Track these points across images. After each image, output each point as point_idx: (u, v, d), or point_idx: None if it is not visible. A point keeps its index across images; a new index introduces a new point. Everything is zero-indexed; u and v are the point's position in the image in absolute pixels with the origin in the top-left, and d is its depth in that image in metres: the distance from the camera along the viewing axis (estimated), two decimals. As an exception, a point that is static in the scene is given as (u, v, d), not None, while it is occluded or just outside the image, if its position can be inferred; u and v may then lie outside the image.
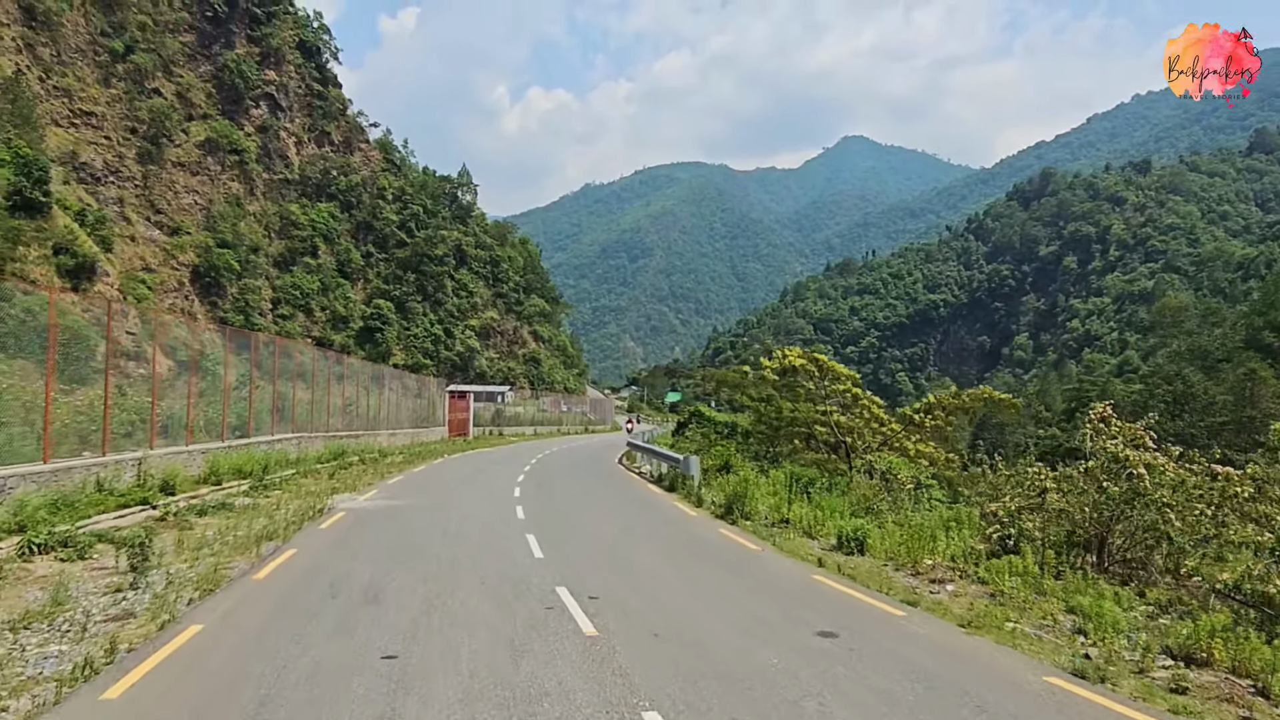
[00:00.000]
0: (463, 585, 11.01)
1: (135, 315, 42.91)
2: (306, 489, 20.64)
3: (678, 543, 15.40)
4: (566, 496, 22.77)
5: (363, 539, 14.43)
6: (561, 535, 15.49)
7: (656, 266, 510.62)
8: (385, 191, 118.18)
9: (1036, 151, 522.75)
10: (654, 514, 19.24)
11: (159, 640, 8.15)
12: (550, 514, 18.37)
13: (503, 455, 34.74)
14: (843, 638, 8.96)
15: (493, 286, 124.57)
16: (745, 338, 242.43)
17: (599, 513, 19.34)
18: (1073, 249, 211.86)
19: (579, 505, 20.78)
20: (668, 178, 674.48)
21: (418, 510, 18.19)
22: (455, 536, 15.01)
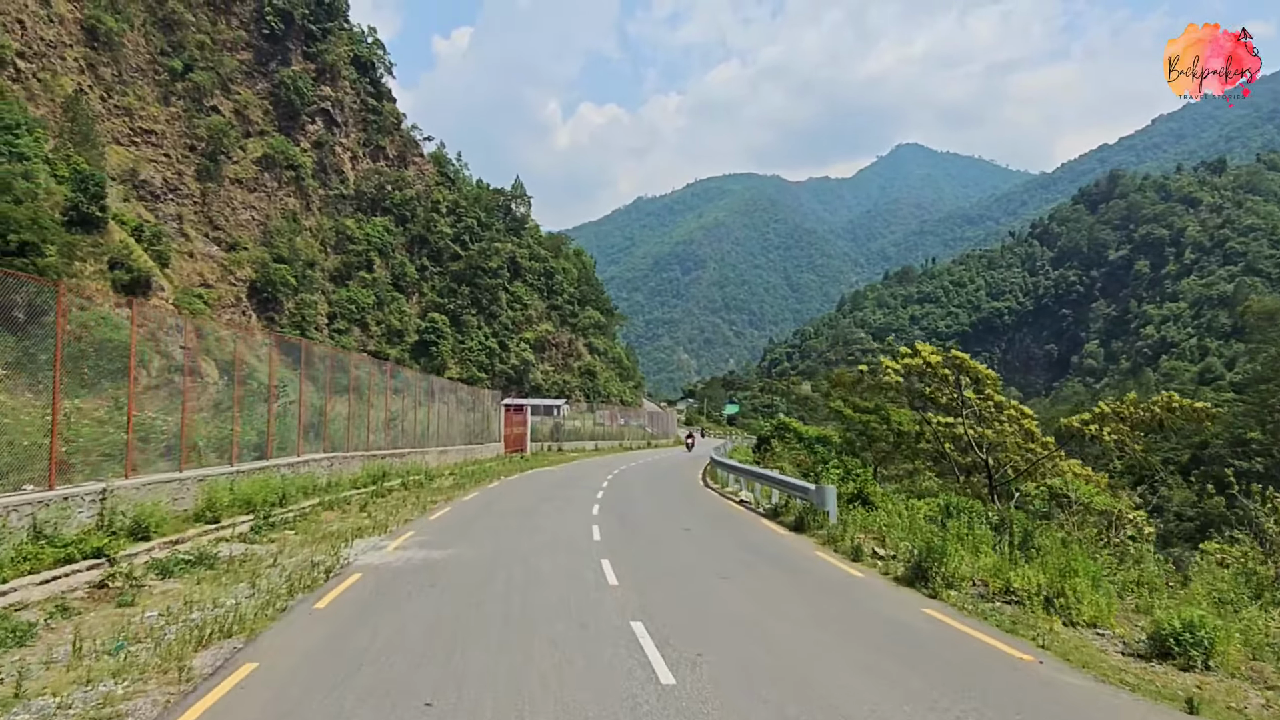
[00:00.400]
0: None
1: (191, 329, 42.09)
2: (324, 529, 16.46)
3: (881, 645, 9.11)
4: (660, 538, 17.03)
5: (376, 633, 9.00)
6: (684, 622, 9.71)
7: (709, 278, 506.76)
8: (439, 205, 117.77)
9: (1099, 155, 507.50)
10: (806, 579, 12.86)
11: None
12: (648, 570, 13.20)
13: (566, 475, 31.50)
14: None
15: (547, 299, 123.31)
16: (802, 348, 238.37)
17: (723, 578, 12.64)
18: (1144, 253, 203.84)
19: (683, 556, 14.90)
20: (720, 189, 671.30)
21: (464, 568, 12.86)
22: (519, 622, 9.59)
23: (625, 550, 15.02)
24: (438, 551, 14.41)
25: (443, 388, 34.06)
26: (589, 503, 22.77)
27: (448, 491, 24.71)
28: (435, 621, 9.58)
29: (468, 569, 12.84)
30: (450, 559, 13.71)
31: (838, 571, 13.53)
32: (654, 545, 16.01)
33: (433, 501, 22.13)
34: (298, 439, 20.51)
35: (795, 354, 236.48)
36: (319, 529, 16.52)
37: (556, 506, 21.91)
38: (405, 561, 13.39)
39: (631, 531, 17.68)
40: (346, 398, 24.14)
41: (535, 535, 16.73)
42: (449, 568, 12.93)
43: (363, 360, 31.21)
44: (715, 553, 15.20)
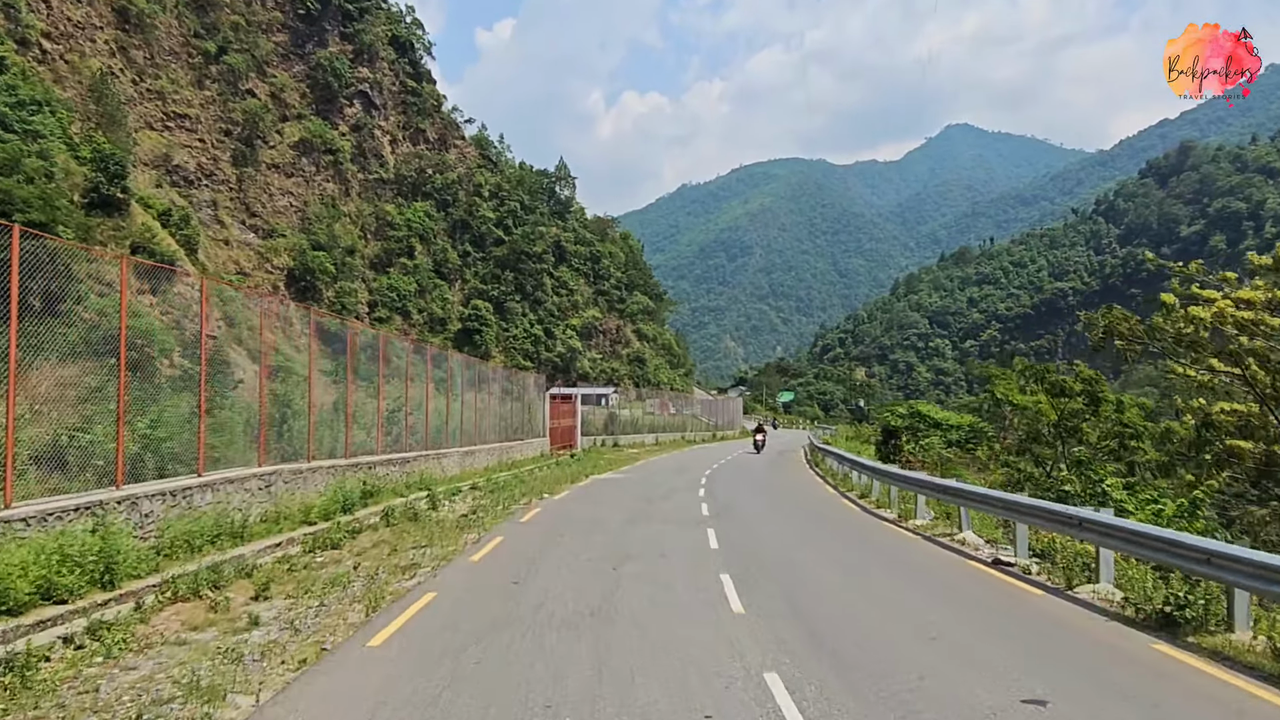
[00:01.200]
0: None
1: (219, 316, 38.31)
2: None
3: None
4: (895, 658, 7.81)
5: None
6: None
7: (756, 265, 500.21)
8: (481, 188, 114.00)
9: (1160, 130, 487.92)
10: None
11: None
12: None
13: (639, 488, 23.06)
14: None
15: (594, 284, 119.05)
16: (855, 333, 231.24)
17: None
18: (1220, 227, 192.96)
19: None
20: (765, 175, 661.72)
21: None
22: None
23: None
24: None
25: (468, 367, 27.64)
26: (705, 561, 12.79)
27: (450, 535, 14.76)
28: None
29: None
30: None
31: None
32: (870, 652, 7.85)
33: (406, 571, 11.68)
34: (255, 448, 14.49)
35: (848, 339, 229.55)
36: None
37: (651, 585, 10.94)
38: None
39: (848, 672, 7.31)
40: (344, 384, 18.31)
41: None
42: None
43: (394, 338, 27.00)
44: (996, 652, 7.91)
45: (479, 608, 9.56)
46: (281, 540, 12.80)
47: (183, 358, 17.05)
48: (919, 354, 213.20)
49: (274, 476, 14.58)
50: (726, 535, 15.30)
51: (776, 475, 29.14)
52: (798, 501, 22.57)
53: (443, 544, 13.87)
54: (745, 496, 22.71)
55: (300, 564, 11.88)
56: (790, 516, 19.67)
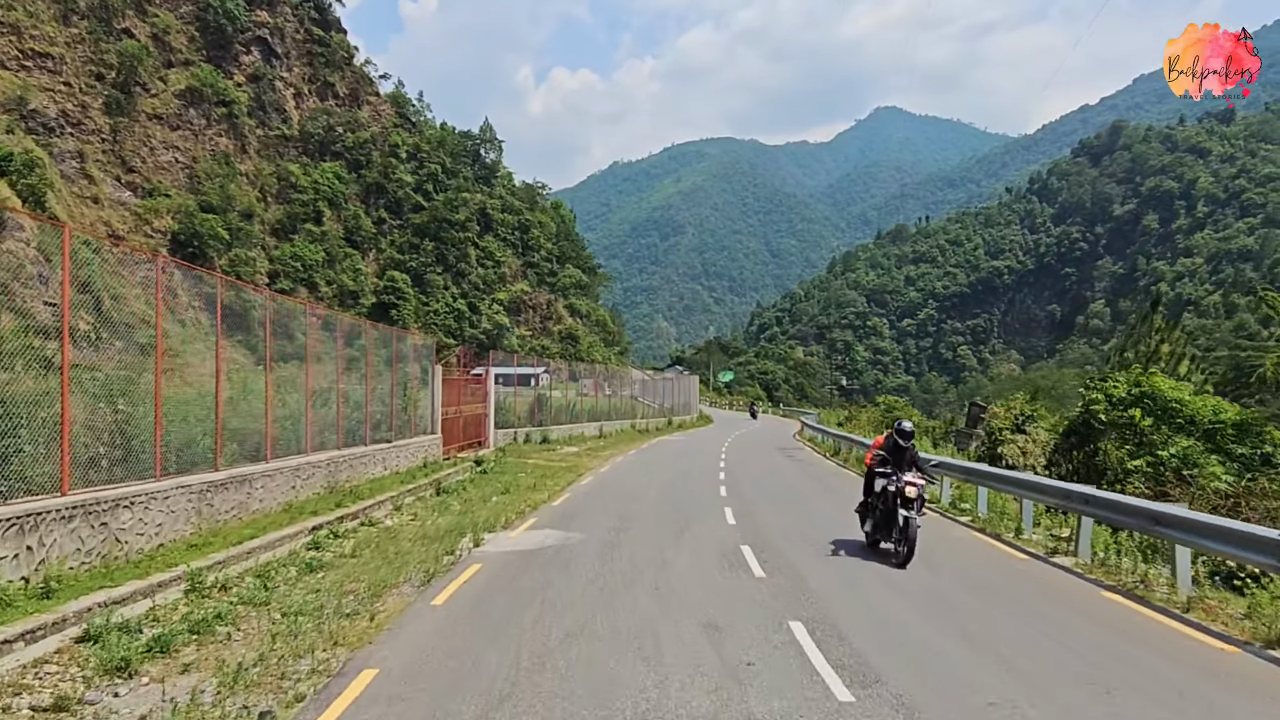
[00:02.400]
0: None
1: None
2: None
3: None
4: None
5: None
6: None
7: (689, 244, 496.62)
8: (398, 149, 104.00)
9: (1080, 115, 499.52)
10: None
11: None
12: None
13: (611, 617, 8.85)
14: None
15: (522, 255, 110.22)
16: (792, 312, 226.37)
17: None
18: (1152, 206, 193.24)
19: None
20: (698, 153, 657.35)
21: None
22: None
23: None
24: None
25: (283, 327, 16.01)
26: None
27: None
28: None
29: None
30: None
31: None
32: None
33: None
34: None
35: (785, 318, 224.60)
36: None
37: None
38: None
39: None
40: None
41: None
42: None
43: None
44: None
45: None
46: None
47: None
48: (856, 333, 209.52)
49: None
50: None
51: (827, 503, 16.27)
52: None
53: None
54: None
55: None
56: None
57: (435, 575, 10.25)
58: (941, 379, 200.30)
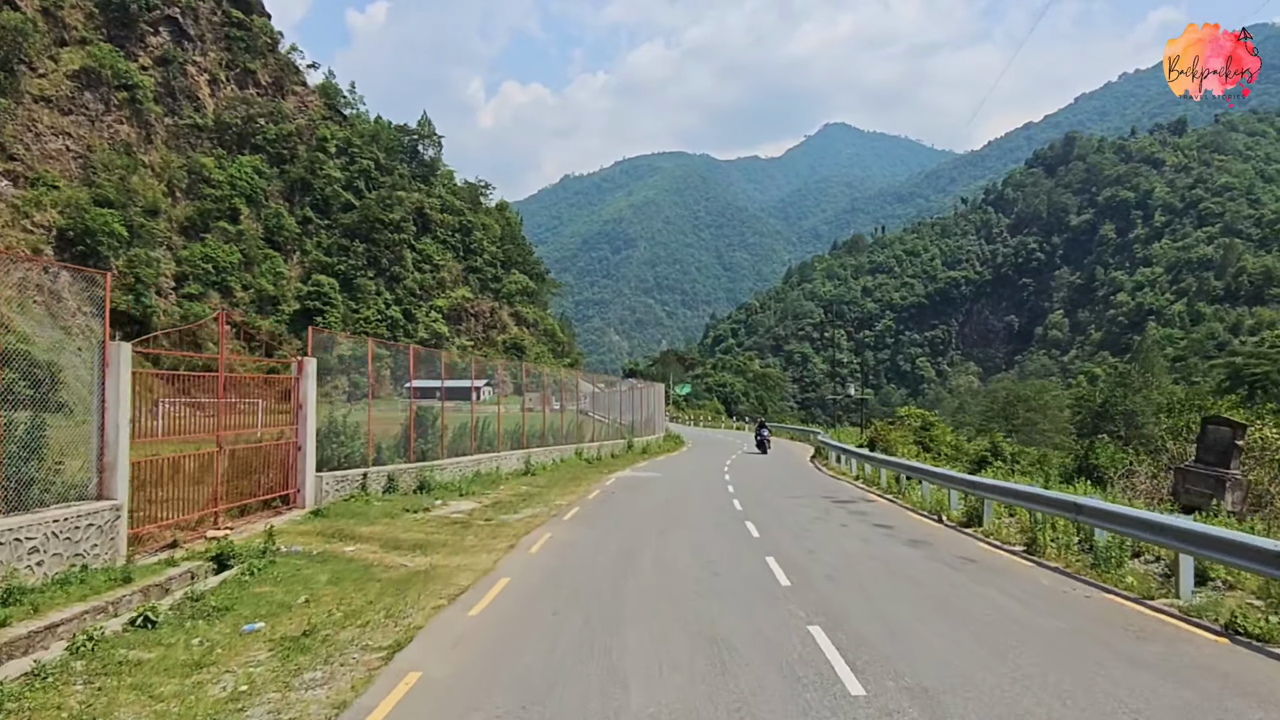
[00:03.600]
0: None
1: None
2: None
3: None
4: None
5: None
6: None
7: (640, 258, 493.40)
8: (327, 143, 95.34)
9: (1025, 133, 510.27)
10: None
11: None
12: None
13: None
14: None
15: (464, 259, 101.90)
16: (748, 323, 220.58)
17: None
18: (1109, 216, 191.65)
19: None
20: (649, 167, 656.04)
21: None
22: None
23: None
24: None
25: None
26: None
27: None
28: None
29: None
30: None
31: None
32: None
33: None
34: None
35: (741, 329, 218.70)
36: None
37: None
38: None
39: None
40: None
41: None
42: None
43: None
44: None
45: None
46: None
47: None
48: (814, 345, 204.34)
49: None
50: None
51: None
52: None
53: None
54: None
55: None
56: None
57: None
58: (900, 391, 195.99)
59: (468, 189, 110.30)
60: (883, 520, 17.12)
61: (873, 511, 18.87)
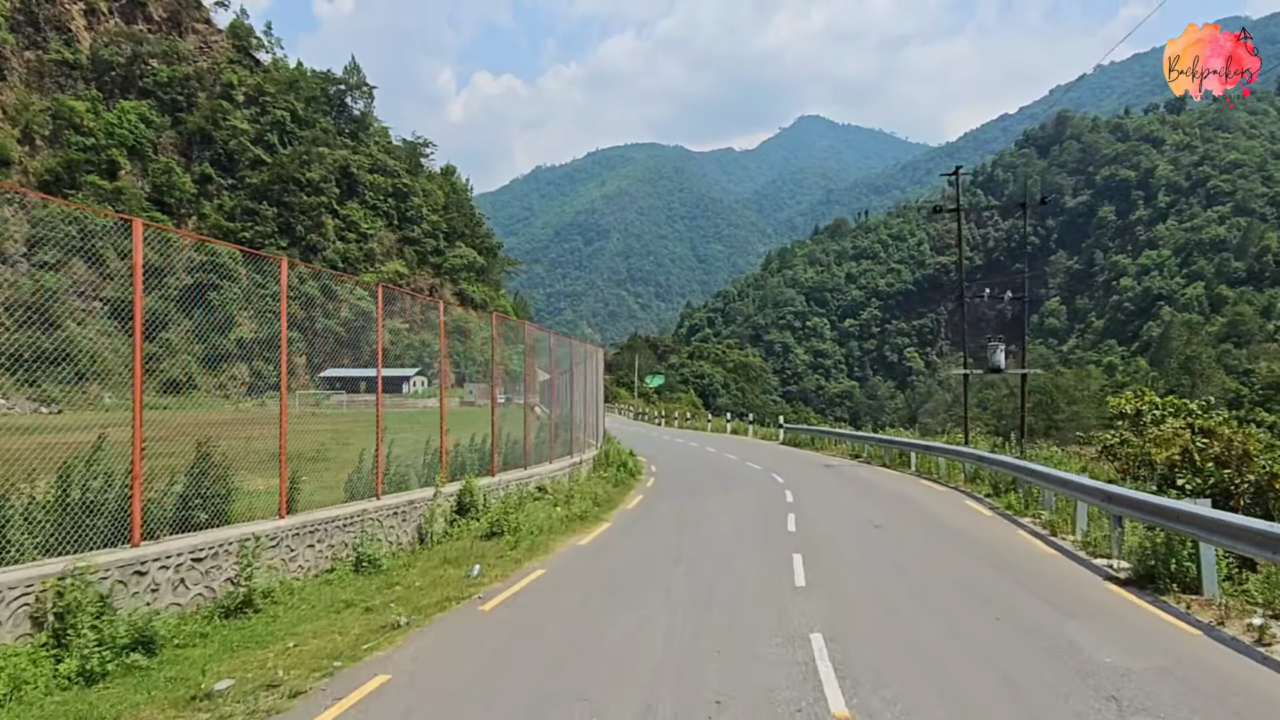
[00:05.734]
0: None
1: None
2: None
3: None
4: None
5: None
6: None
7: (613, 249, 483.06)
8: (234, 90, 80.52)
9: (1001, 124, 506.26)
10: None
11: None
12: None
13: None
14: None
15: (399, 229, 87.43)
16: (725, 312, 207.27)
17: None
18: (1108, 197, 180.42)
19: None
20: (622, 158, 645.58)
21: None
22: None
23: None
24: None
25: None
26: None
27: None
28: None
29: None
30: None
31: None
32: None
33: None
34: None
35: (718, 318, 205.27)
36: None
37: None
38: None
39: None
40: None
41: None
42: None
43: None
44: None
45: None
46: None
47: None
48: (795, 334, 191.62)
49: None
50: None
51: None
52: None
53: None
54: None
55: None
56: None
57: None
58: (888, 384, 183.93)
59: (406, 148, 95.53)
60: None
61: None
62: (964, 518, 15.54)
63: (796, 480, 22.47)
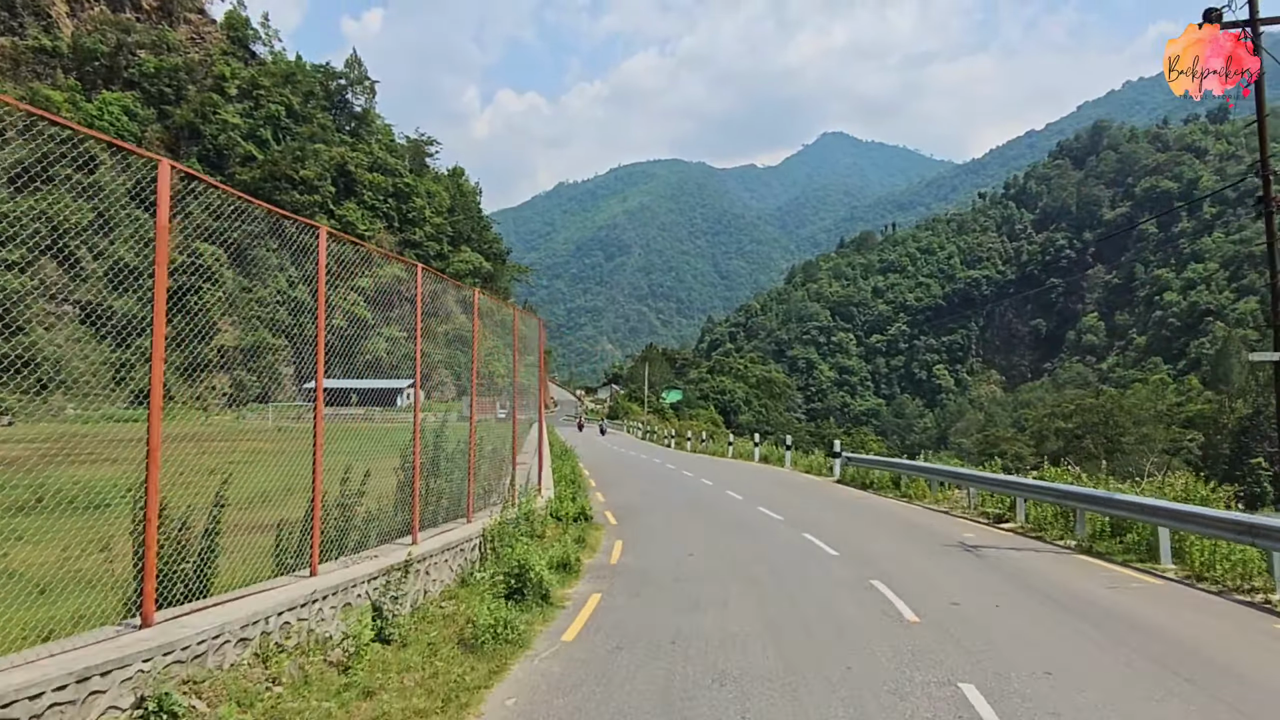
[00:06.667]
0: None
1: None
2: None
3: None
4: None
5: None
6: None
7: (635, 265, 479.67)
8: (226, 83, 75.90)
9: (1028, 140, 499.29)
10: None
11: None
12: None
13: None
14: None
15: (399, 231, 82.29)
16: (748, 326, 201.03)
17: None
18: (1148, 209, 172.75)
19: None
20: (645, 174, 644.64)
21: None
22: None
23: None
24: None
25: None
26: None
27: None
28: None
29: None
30: None
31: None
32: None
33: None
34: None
35: (739, 333, 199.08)
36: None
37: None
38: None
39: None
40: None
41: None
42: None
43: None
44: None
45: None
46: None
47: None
48: (820, 350, 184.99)
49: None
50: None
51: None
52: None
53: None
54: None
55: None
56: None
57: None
58: (915, 401, 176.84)
59: (410, 147, 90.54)
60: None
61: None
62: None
63: (950, 610, 9.63)
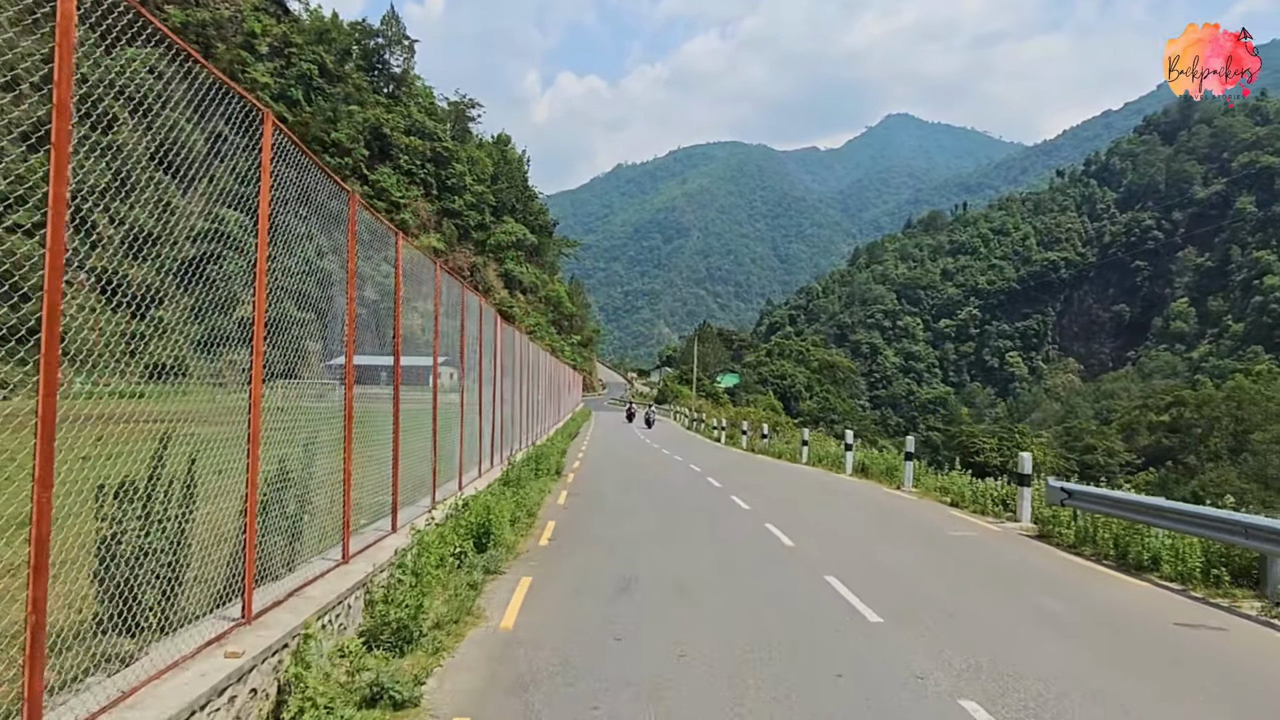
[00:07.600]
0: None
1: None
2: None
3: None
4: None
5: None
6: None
7: (693, 248, 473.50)
8: (256, 41, 71.27)
9: (1104, 120, 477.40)
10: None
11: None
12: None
13: None
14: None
15: (437, 199, 77.12)
16: (809, 309, 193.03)
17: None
18: (1246, 187, 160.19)
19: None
20: (704, 156, 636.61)
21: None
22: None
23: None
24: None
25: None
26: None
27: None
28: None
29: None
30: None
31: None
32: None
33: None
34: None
35: (800, 316, 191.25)
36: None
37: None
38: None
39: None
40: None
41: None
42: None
43: None
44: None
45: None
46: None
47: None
48: (885, 334, 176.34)
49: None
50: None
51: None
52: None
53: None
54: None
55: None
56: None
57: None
58: (986, 390, 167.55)
59: (452, 110, 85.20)
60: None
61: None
62: None
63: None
